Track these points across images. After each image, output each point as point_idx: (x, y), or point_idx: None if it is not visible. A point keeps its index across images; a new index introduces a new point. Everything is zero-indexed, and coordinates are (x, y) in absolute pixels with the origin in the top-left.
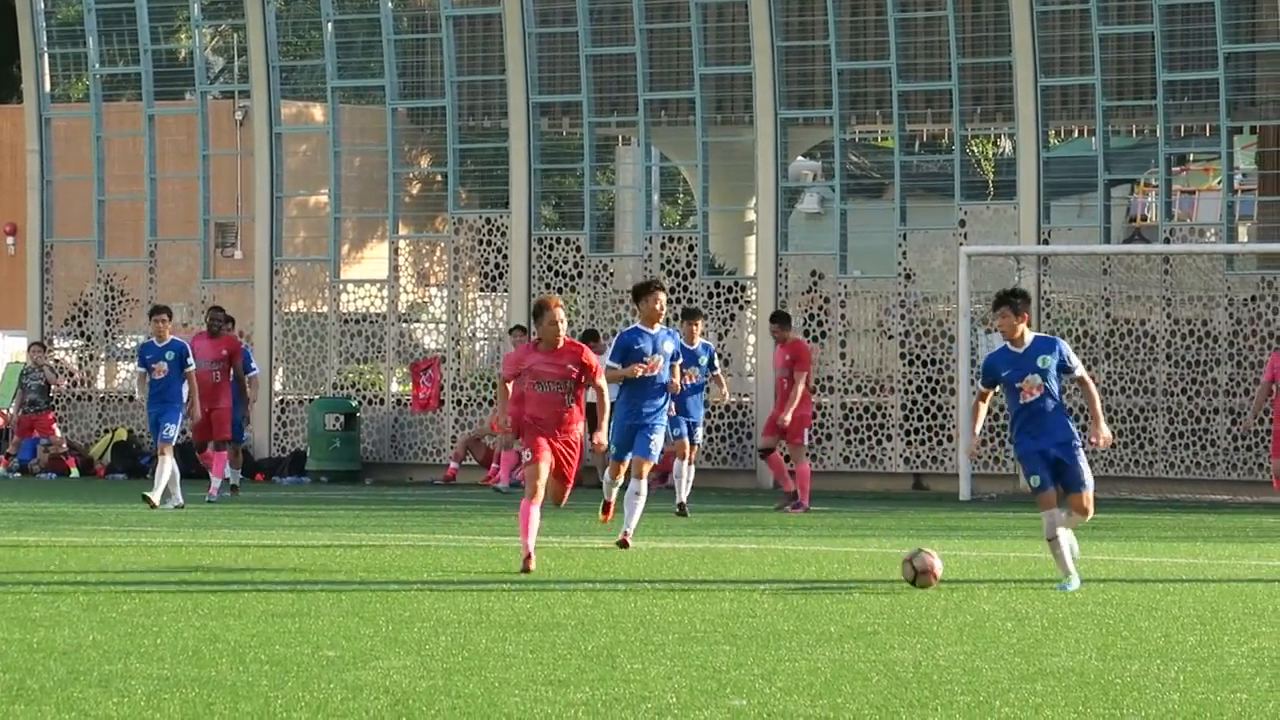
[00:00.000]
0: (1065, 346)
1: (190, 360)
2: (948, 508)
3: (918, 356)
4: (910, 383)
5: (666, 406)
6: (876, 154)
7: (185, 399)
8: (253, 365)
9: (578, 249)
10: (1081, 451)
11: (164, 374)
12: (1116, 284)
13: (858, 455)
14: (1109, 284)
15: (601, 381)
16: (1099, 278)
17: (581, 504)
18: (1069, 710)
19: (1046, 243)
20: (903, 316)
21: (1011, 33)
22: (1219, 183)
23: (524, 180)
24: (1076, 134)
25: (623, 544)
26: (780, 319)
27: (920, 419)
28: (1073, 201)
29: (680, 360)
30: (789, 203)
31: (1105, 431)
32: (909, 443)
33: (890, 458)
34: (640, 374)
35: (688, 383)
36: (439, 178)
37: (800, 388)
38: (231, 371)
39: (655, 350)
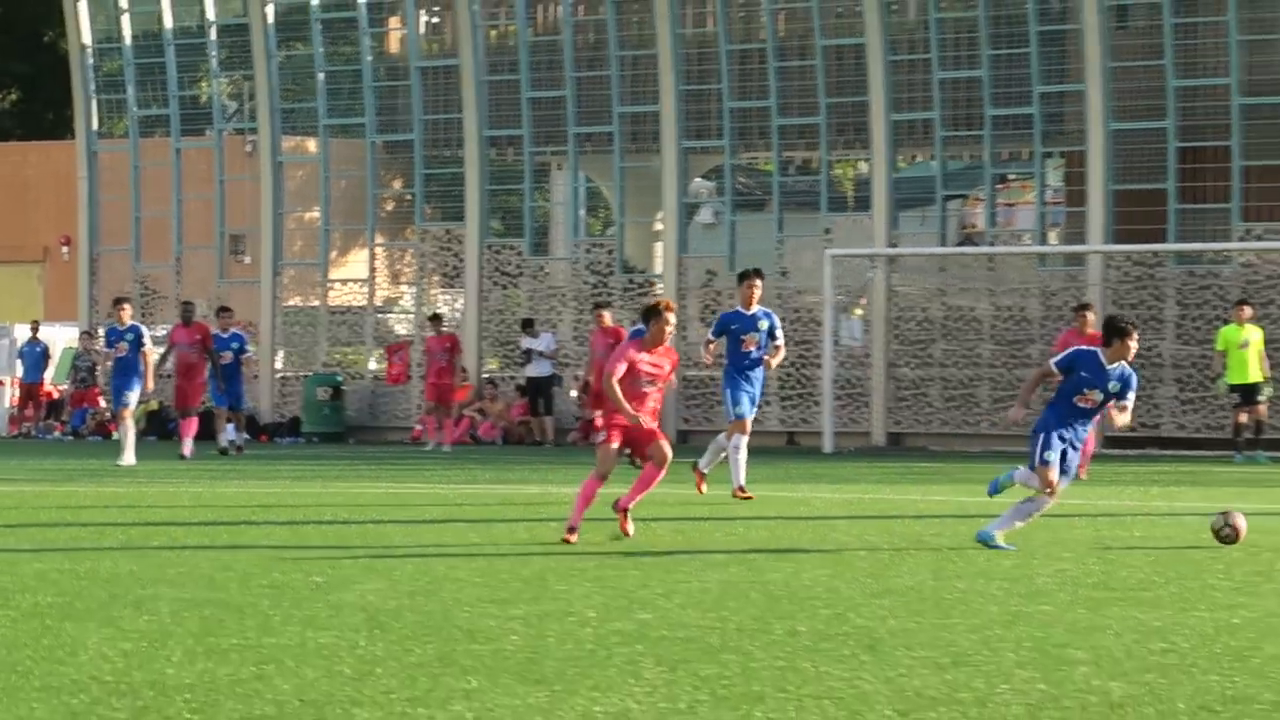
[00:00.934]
0: (1135, 383)
1: (146, 341)
2: (814, 459)
3: (791, 338)
4: (785, 359)
5: (763, 375)
6: (759, 175)
7: (142, 373)
8: (248, 347)
9: (519, 253)
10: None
11: (124, 352)
12: (951, 279)
13: None
14: (945, 279)
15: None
16: (937, 274)
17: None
18: (909, 620)
19: (895, 246)
20: (780, 306)
21: (868, 77)
22: (1034, 197)
23: (476, 199)
24: (919, 158)
25: (745, 496)
26: (602, 307)
27: (793, 388)
28: (916, 213)
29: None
30: (688, 215)
31: (1122, 420)
32: (784, 407)
33: (769, 419)
34: (749, 350)
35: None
36: (408, 197)
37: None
38: (206, 352)
39: (752, 329)
